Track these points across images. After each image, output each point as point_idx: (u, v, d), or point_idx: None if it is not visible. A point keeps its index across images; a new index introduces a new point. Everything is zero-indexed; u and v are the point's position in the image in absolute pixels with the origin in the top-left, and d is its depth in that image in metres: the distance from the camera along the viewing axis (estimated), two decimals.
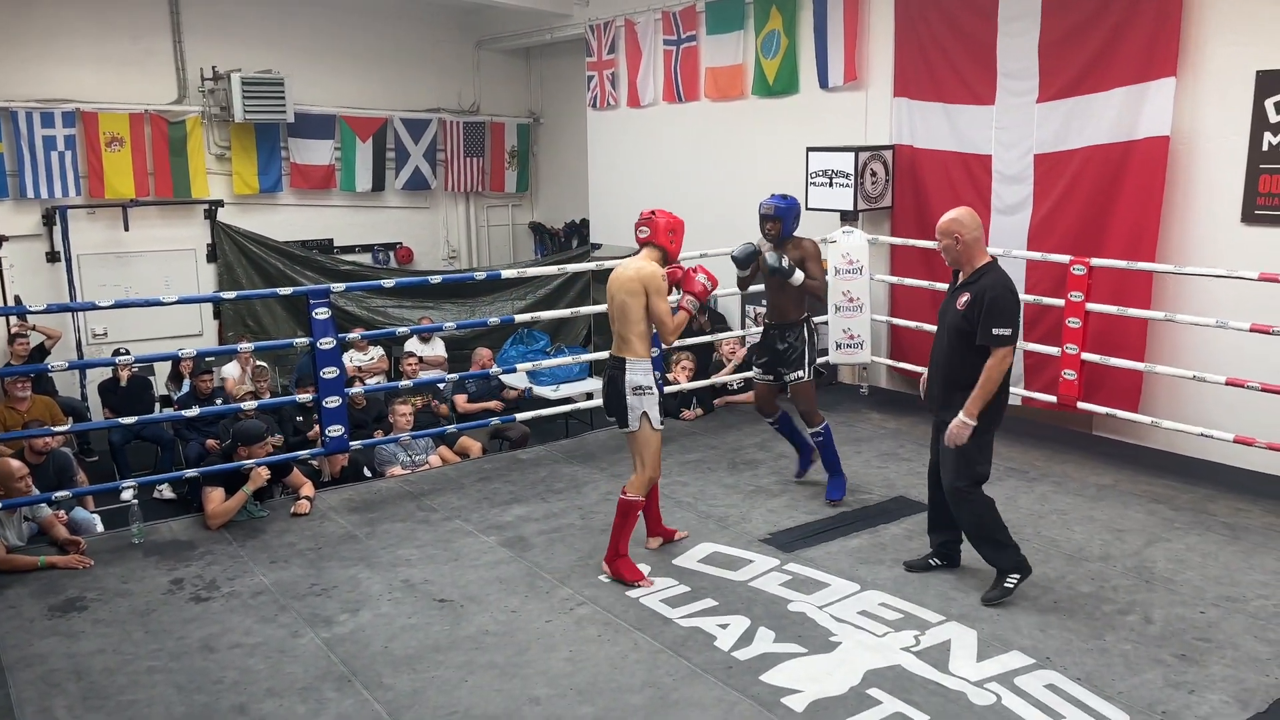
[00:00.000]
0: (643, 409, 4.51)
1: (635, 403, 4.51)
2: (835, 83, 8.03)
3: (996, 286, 4.14)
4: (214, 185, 10.67)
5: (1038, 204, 6.76)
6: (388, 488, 6.02)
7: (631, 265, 4.57)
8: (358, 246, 11.84)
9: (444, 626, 4.22)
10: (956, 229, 4.20)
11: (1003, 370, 4.14)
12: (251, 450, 5.48)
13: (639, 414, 4.51)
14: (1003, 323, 4.10)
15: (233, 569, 4.83)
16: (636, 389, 4.50)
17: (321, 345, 5.66)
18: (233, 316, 10.73)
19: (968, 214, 4.28)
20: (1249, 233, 5.80)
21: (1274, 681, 3.65)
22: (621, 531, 4.58)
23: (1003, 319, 4.10)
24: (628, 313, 4.50)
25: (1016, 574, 4.30)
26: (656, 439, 4.58)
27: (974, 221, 4.25)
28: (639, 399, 4.51)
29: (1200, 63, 5.95)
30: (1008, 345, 4.12)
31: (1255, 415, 5.56)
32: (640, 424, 4.53)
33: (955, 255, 4.26)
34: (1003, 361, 4.13)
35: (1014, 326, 4.13)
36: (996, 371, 4.13)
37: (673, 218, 4.68)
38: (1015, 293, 4.19)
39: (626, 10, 9.92)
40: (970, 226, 4.22)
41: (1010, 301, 4.14)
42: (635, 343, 4.52)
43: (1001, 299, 4.12)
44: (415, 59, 11.93)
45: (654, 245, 4.62)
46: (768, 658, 3.89)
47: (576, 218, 12.30)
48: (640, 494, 4.60)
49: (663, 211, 4.68)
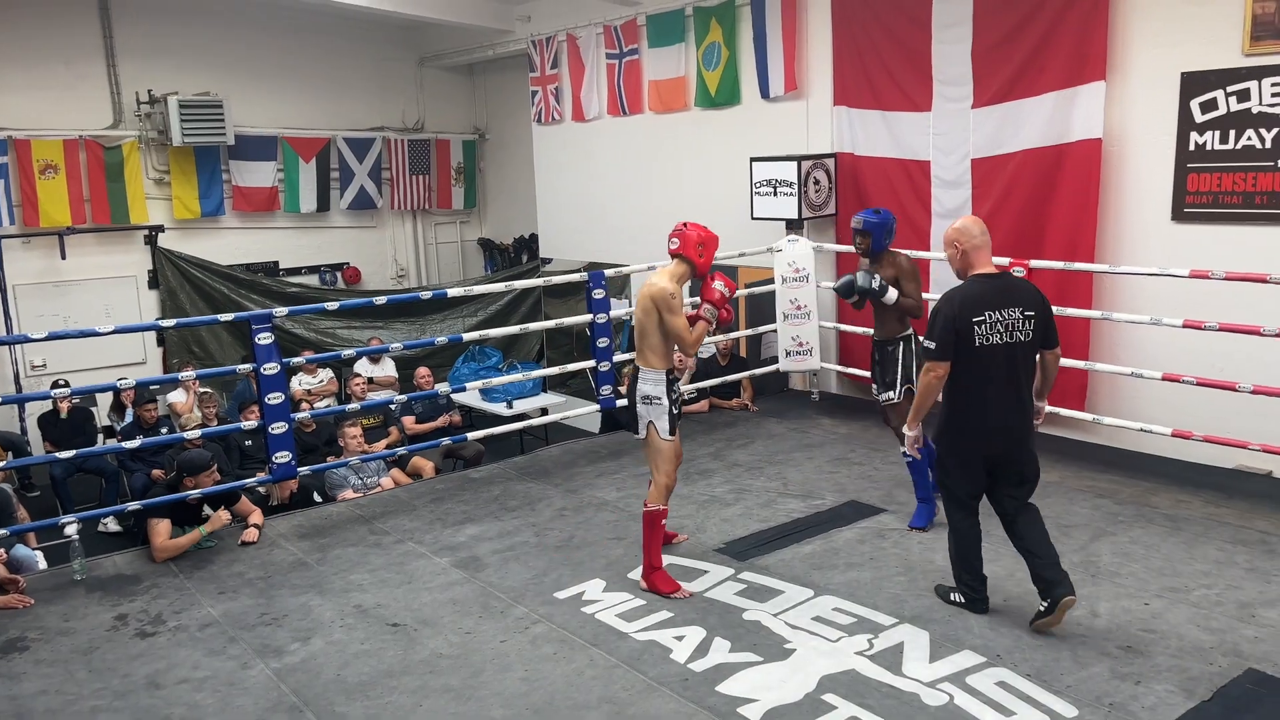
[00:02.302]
0: (649, 418, 4.57)
1: (643, 412, 4.59)
2: (776, 93, 8.11)
3: (944, 297, 4.03)
4: (154, 210, 10.51)
5: (977, 207, 6.88)
6: (338, 512, 5.94)
7: (651, 279, 4.56)
8: (304, 268, 11.73)
9: (397, 651, 4.17)
10: (958, 238, 4.04)
11: (928, 383, 4.03)
12: (198, 480, 5.38)
13: (645, 423, 4.59)
14: (929, 335, 4.01)
15: (179, 602, 4.74)
16: (645, 399, 4.58)
17: (265, 370, 5.58)
18: (177, 343, 10.55)
19: (974, 223, 4.10)
20: (1179, 230, 5.95)
21: (1217, 670, 3.73)
22: (650, 543, 4.61)
23: (930, 332, 4.01)
24: (643, 328, 4.55)
25: (962, 600, 4.26)
26: (668, 448, 4.59)
27: (979, 230, 4.05)
28: (646, 408, 4.58)
29: (1128, 66, 6.10)
30: (931, 359, 4.01)
31: (1191, 409, 5.71)
32: (648, 432, 4.59)
33: (957, 265, 4.09)
34: (926, 374, 4.03)
35: (939, 341, 3.95)
36: (921, 384, 4.08)
37: (705, 231, 4.61)
38: (963, 309, 3.93)
39: (568, 25, 9.95)
40: (973, 235, 4.03)
41: (941, 316, 3.96)
42: (649, 355, 4.56)
43: (938, 311, 4.01)
44: (357, 78, 11.86)
45: (683, 258, 4.60)
46: (724, 668, 3.89)
47: (525, 233, 12.29)
48: (659, 503, 4.61)
49: (695, 224, 4.63)
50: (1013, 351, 3.98)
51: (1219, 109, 5.73)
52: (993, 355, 3.96)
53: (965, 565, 4.24)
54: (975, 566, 4.23)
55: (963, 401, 4.05)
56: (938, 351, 3.98)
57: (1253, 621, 4.07)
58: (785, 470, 6.19)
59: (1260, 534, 4.93)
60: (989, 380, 3.99)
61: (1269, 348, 5.30)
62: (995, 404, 4.01)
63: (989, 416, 4.02)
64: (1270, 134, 5.55)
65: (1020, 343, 3.99)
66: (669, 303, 4.46)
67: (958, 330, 3.93)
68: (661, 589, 4.55)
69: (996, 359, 3.97)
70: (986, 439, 4.06)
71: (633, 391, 4.63)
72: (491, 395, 9.19)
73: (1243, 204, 5.71)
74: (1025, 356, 4.04)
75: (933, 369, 4.01)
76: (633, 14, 9.21)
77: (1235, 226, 5.75)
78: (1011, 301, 3.97)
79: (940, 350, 3.97)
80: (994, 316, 3.94)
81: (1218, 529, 5.00)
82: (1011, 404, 4.04)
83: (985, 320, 3.93)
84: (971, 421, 4.05)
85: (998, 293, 3.99)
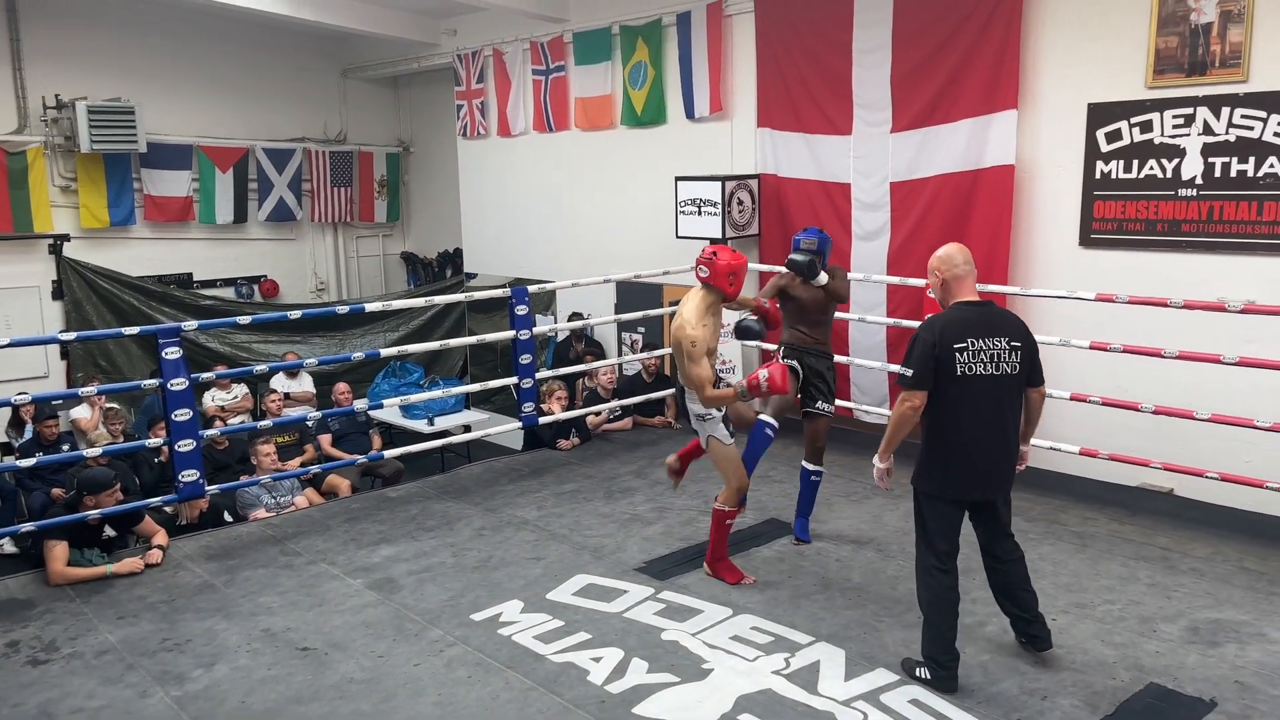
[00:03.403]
0: (708, 433, 4.67)
1: (701, 428, 4.69)
2: (701, 113, 8.18)
3: (925, 324, 3.81)
4: (59, 219, 10.10)
5: (895, 230, 7.01)
6: (249, 532, 5.76)
7: (682, 312, 4.55)
8: (220, 280, 11.40)
9: (306, 676, 4.04)
10: (938, 265, 3.84)
11: (899, 414, 3.78)
12: (98, 499, 5.17)
13: (706, 437, 4.69)
14: (907, 362, 3.77)
15: (75, 627, 4.53)
16: (699, 417, 4.65)
17: (173, 386, 5.40)
18: (83, 357, 10.15)
19: (958, 250, 3.85)
20: (1086, 255, 6.15)
21: (1120, 684, 3.82)
22: (719, 538, 4.80)
23: (908, 359, 3.76)
24: (678, 357, 4.58)
25: (928, 674, 3.85)
26: (732, 451, 4.70)
27: (963, 258, 3.82)
28: (703, 425, 4.67)
29: (1038, 96, 6.29)
30: (908, 387, 3.75)
31: (1097, 428, 5.88)
32: (710, 445, 4.69)
33: (939, 294, 3.88)
34: (901, 404, 3.77)
35: (917, 369, 3.70)
36: (895, 413, 3.82)
37: (734, 258, 4.48)
38: (945, 335, 3.69)
39: (494, 40, 9.90)
40: (956, 263, 3.81)
41: (922, 343, 3.72)
42: (688, 382, 4.59)
43: (918, 338, 3.76)
44: (278, 88, 11.62)
45: (712, 288, 4.52)
46: (640, 689, 3.86)
47: (450, 247, 12.16)
48: (731, 504, 4.74)
49: (725, 250, 4.51)
50: (998, 385, 3.72)
51: (1123, 139, 5.94)
52: (976, 387, 3.69)
53: (935, 635, 3.82)
54: (949, 637, 3.82)
55: (944, 439, 3.77)
56: (914, 379, 3.72)
57: (1154, 636, 4.20)
58: (707, 488, 6.19)
59: (1162, 550, 5.09)
60: (974, 416, 3.72)
61: (1170, 369, 5.49)
62: (980, 444, 3.75)
63: (974, 458, 3.76)
64: (1171, 164, 5.77)
65: (1006, 375, 3.72)
66: (690, 351, 4.45)
67: (938, 357, 3.67)
68: (727, 578, 4.79)
69: (981, 391, 3.70)
70: (971, 484, 3.81)
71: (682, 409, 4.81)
72: (412, 412, 9.04)
73: (1145, 231, 5.92)
74: (1012, 391, 3.78)
75: (909, 398, 3.74)
76: (559, 31, 9.20)
77: (1138, 252, 5.96)
78: (996, 331, 3.73)
79: (917, 378, 3.71)
80: (977, 345, 3.69)
81: (1122, 545, 5.15)
82: (998, 444, 3.79)
83: (968, 348, 3.68)
84: (956, 465, 3.77)
85: (982, 321, 3.74)
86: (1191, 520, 5.46)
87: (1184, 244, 5.79)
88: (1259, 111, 5.44)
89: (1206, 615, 4.38)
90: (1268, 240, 5.50)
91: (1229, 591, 4.61)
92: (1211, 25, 5.55)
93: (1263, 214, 5.50)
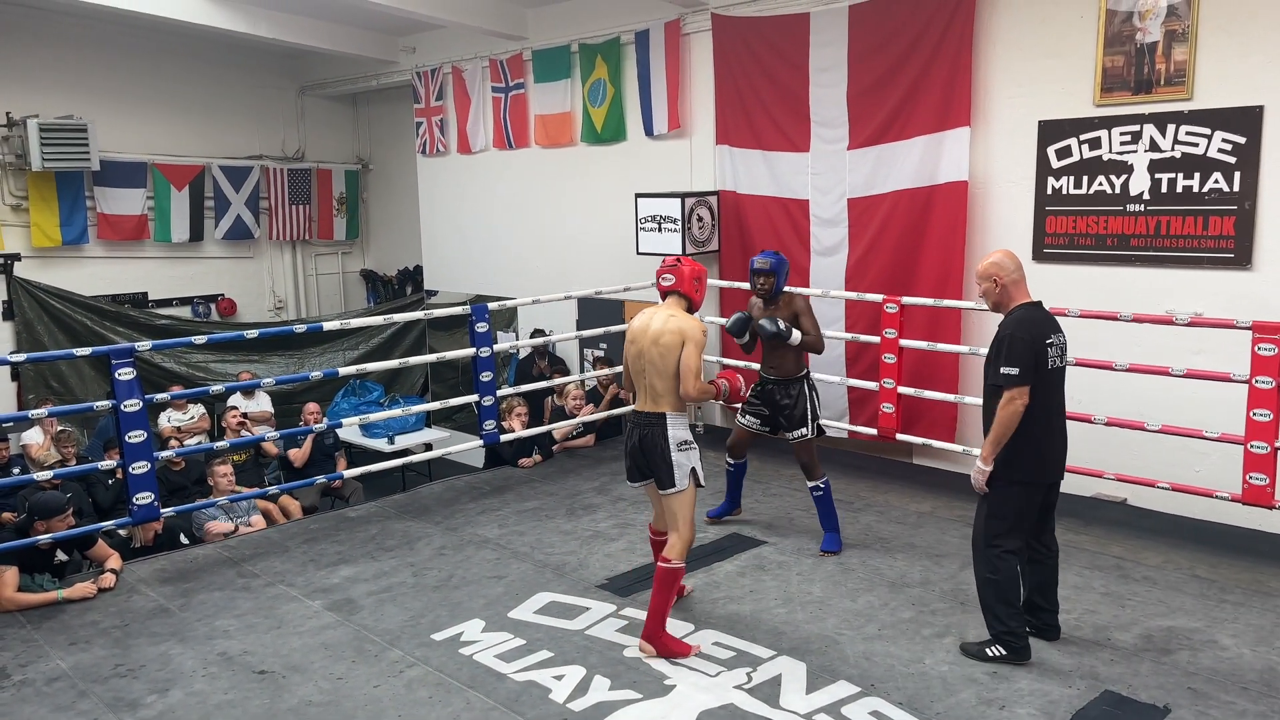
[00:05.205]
0: (691, 465, 4.26)
1: (682, 459, 4.24)
2: (660, 131, 8.23)
3: (1012, 324, 4.01)
4: (9, 238, 9.94)
5: (853, 246, 7.09)
6: (205, 555, 5.67)
7: (660, 315, 4.32)
8: (175, 300, 11.26)
9: (263, 700, 3.98)
10: (995, 272, 4.06)
11: (1011, 412, 3.93)
12: (50, 524, 5.06)
13: (687, 471, 4.25)
14: (1011, 361, 3.92)
15: (25, 654, 4.43)
16: (682, 444, 4.25)
17: (126, 408, 5.31)
18: (34, 378, 9.96)
19: (1008, 256, 4.11)
20: (1039, 270, 6.24)
21: (1076, 693, 3.87)
22: (664, 602, 4.23)
23: (1012, 358, 3.93)
24: (664, 365, 4.23)
25: (1003, 650, 4.09)
26: (693, 496, 4.30)
27: (1014, 264, 4.08)
28: (686, 454, 4.25)
29: (990, 113, 6.41)
30: (1015, 385, 3.92)
31: None
32: (688, 482, 4.26)
33: (995, 298, 4.10)
34: (1010, 402, 3.93)
35: (1022, 366, 3.90)
36: (1005, 413, 3.95)
37: (697, 266, 4.47)
38: (1035, 332, 3.97)
39: (453, 57, 9.91)
40: (1009, 269, 4.06)
41: (1021, 342, 3.94)
42: (671, 398, 4.26)
43: (1014, 337, 3.96)
44: (234, 105, 11.53)
45: (680, 294, 4.43)
46: (603, 706, 3.85)
47: (410, 264, 12.11)
48: (683, 559, 4.26)
49: (688, 259, 4.48)
50: (1063, 377, 4.11)
51: (1073, 156, 6.07)
52: (1055, 379, 4.05)
53: (1011, 612, 4.08)
54: (1020, 610, 4.14)
55: (1036, 430, 4.00)
56: (1022, 376, 3.92)
57: (1108, 645, 4.26)
58: None
59: (1115, 559, 5.18)
60: (1055, 406, 4.08)
61: (1121, 382, 5.60)
62: (1061, 432, 4.13)
63: (1058, 445, 4.12)
64: (1119, 180, 5.90)
65: (1066, 368, 4.12)
66: (699, 338, 4.23)
67: (1036, 353, 3.95)
68: (677, 651, 4.21)
69: (1057, 383, 4.07)
70: (1057, 466, 4.14)
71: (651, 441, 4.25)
72: (372, 431, 8.96)
73: (1095, 245, 6.04)
74: (1064, 382, 4.15)
75: (1018, 396, 3.93)
76: (519, 48, 9.23)
77: (1089, 267, 6.08)
78: (1059, 328, 4.10)
79: (1023, 375, 3.92)
80: (1055, 340, 4.03)
81: (1076, 555, 5.22)
82: (1065, 430, 4.16)
83: (1053, 343, 4.01)
84: (1045, 451, 4.08)
85: (1050, 320, 4.09)
86: (1144, 530, 5.56)
87: (1133, 258, 5.92)
88: (1203, 128, 5.58)
89: (1159, 623, 4.45)
90: (1213, 254, 5.64)
91: (1181, 599, 4.69)
92: (1157, 44, 5.69)
93: (1208, 228, 5.64)
